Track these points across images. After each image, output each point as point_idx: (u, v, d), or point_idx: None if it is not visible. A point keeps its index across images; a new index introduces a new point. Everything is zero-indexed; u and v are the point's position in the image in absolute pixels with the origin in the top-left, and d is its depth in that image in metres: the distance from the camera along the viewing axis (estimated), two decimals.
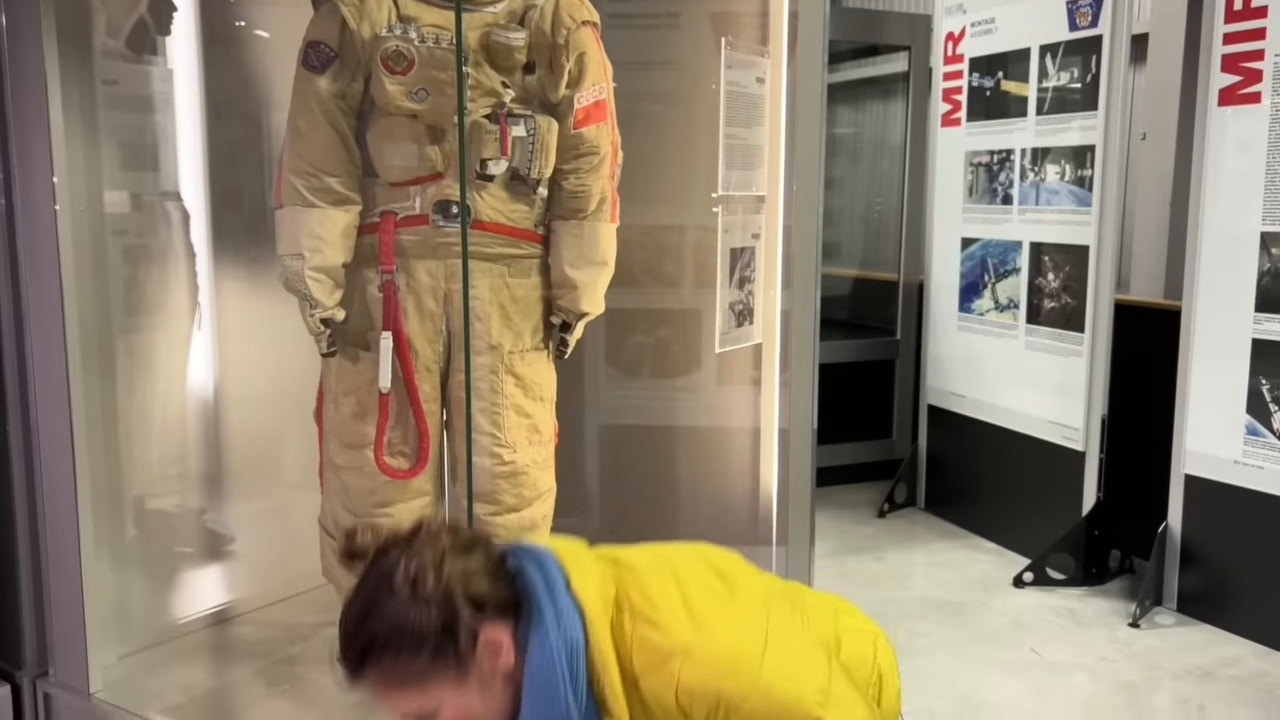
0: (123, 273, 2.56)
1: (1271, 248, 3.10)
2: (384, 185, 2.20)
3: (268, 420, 3.02)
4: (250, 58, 2.94)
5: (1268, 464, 3.14)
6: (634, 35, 3.18)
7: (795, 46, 2.43)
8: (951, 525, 4.27)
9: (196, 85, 2.86)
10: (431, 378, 2.26)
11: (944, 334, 4.32)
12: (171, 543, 2.92)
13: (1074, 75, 3.66)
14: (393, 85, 2.08)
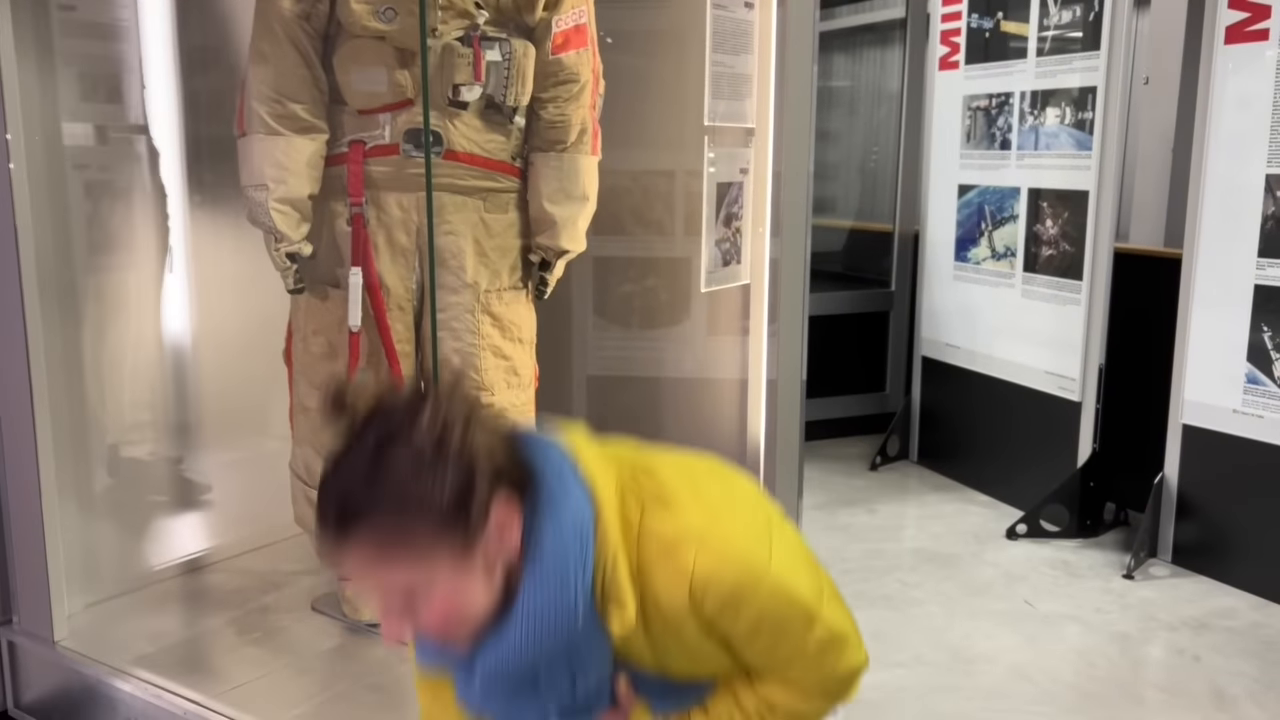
0: (84, 208, 2.45)
1: (1276, 190, 3.01)
2: (352, 113, 2.10)
3: (246, 366, 2.93)
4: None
5: (1268, 413, 3.07)
6: None
7: None
8: (944, 478, 4.21)
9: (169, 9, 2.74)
10: (404, 316, 2.17)
11: (939, 284, 4.23)
12: (145, 491, 2.85)
13: (1076, 15, 3.54)
14: (359, 4, 1.98)
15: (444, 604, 0.97)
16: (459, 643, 1.01)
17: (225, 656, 2.30)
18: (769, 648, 1.09)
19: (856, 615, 1.27)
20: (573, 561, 0.99)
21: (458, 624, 0.99)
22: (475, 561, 0.97)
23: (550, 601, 0.99)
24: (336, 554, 0.97)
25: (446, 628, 0.99)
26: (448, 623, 0.98)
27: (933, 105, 4.20)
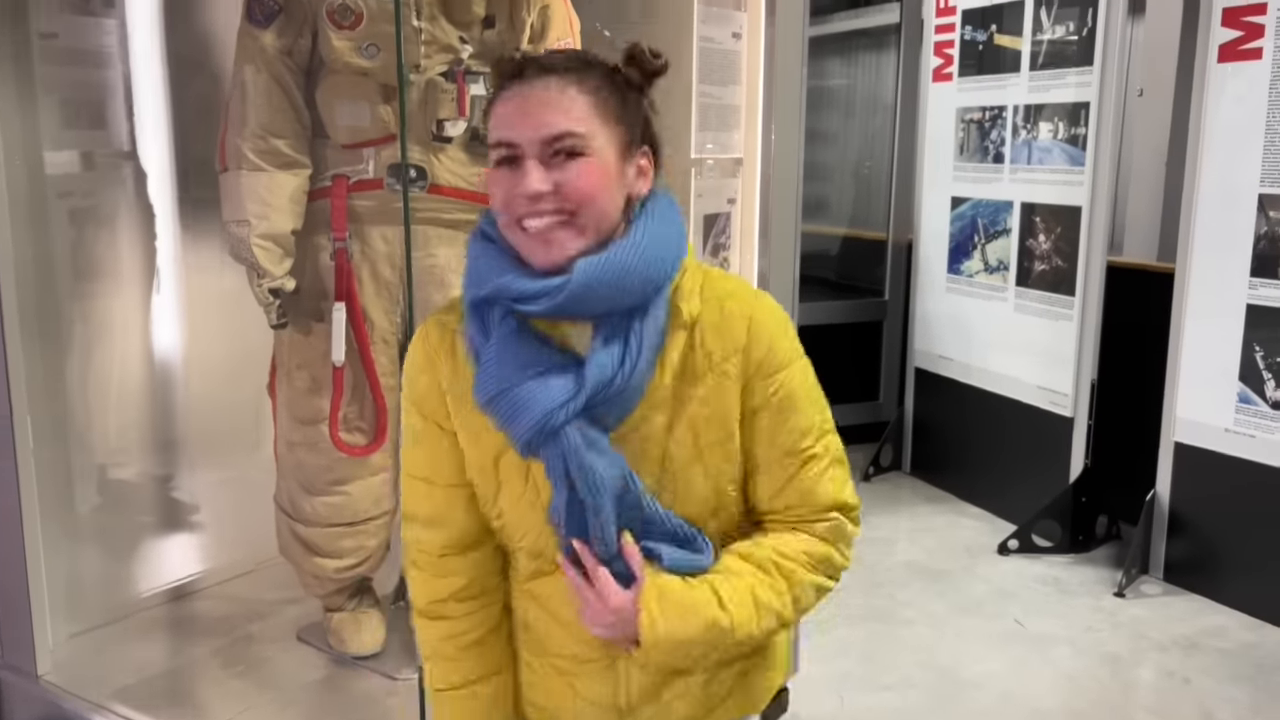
0: (68, 236, 2.43)
1: (1269, 210, 2.99)
2: (335, 147, 2.08)
3: (234, 384, 2.91)
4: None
5: (1259, 433, 3.06)
6: None
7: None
8: (937, 490, 4.20)
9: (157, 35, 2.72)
10: (389, 350, 2.16)
11: (932, 295, 4.22)
12: (132, 513, 2.83)
13: (1070, 29, 3.52)
14: (340, 41, 1.96)
15: (593, 171, 1.07)
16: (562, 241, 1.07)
17: (209, 689, 2.29)
18: (787, 433, 1.16)
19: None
20: (674, 236, 1.13)
21: (589, 199, 1.07)
22: (621, 169, 1.10)
23: (655, 241, 1.10)
24: (552, 73, 1.08)
25: (578, 191, 1.06)
26: (584, 186, 1.06)
27: (926, 116, 4.18)
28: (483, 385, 1.09)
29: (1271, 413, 3.03)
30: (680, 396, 1.13)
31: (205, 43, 2.77)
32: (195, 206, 2.77)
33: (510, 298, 1.07)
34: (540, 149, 1.06)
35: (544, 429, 1.06)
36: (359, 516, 2.21)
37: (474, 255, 1.13)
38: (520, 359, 1.08)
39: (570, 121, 1.06)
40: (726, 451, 1.15)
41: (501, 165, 1.08)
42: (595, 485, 1.08)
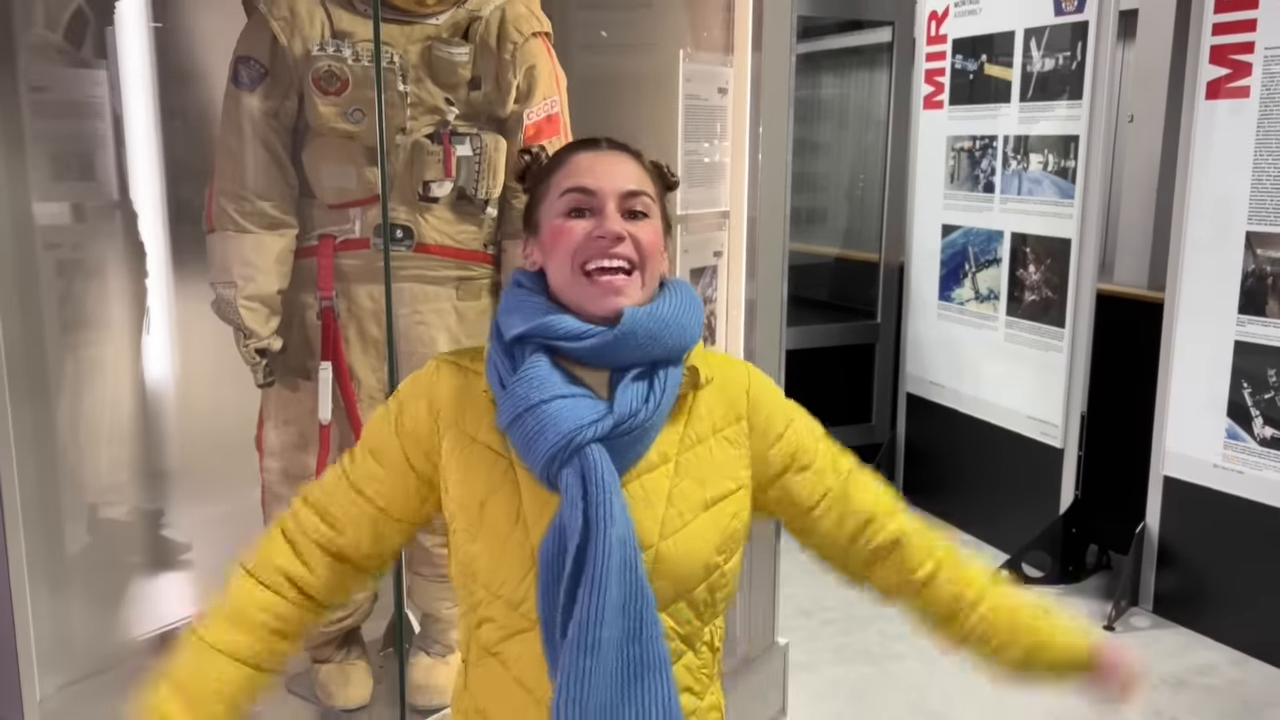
0: (56, 287, 2.43)
1: (1257, 248, 3.01)
2: (322, 207, 2.09)
3: (226, 422, 2.91)
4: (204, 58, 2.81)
5: (1247, 469, 3.07)
6: (602, 15, 3.05)
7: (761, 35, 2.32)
8: (929, 515, 4.20)
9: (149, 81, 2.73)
10: (376, 406, 2.16)
11: (924, 321, 4.23)
12: (122, 554, 2.84)
13: (1060, 61, 3.53)
14: (326, 107, 1.96)
15: (657, 233, 1.20)
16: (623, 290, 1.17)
17: None
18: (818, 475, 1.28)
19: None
20: (698, 310, 1.23)
21: (651, 252, 1.18)
22: (664, 243, 1.22)
23: (686, 308, 1.21)
24: (619, 154, 1.22)
25: (648, 246, 1.18)
26: (649, 245, 1.18)
27: (917, 142, 4.19)
28: (510, 405, 1.13)
29: (1259, 449, 3.04)
30: (685, 452, 1.19)
31: (197, 81, 2.78)
32: (186, 244, 2.78)
33: (556, 335, 1.14)
34: (618, 200, 1.16)
35: (570, 445, 1.10)
36: None
37: (513, 300, 1.20)
38: (548, 386, 1.13)
39: (643, 185, 1.20)
40: (724, 512, 1.19)
41: (572, 216, 1.17)
42: (611, 514, 1.09)
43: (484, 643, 1.20)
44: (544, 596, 1.12)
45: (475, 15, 2.04)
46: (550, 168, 1.22)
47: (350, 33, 1.98)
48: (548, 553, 1.12)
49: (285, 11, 1.96)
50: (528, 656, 1.16)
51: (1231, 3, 3.00)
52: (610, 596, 1.08)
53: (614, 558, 1.09)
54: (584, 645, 1.08)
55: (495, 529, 1.16)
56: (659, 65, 2.78)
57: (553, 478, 1.12)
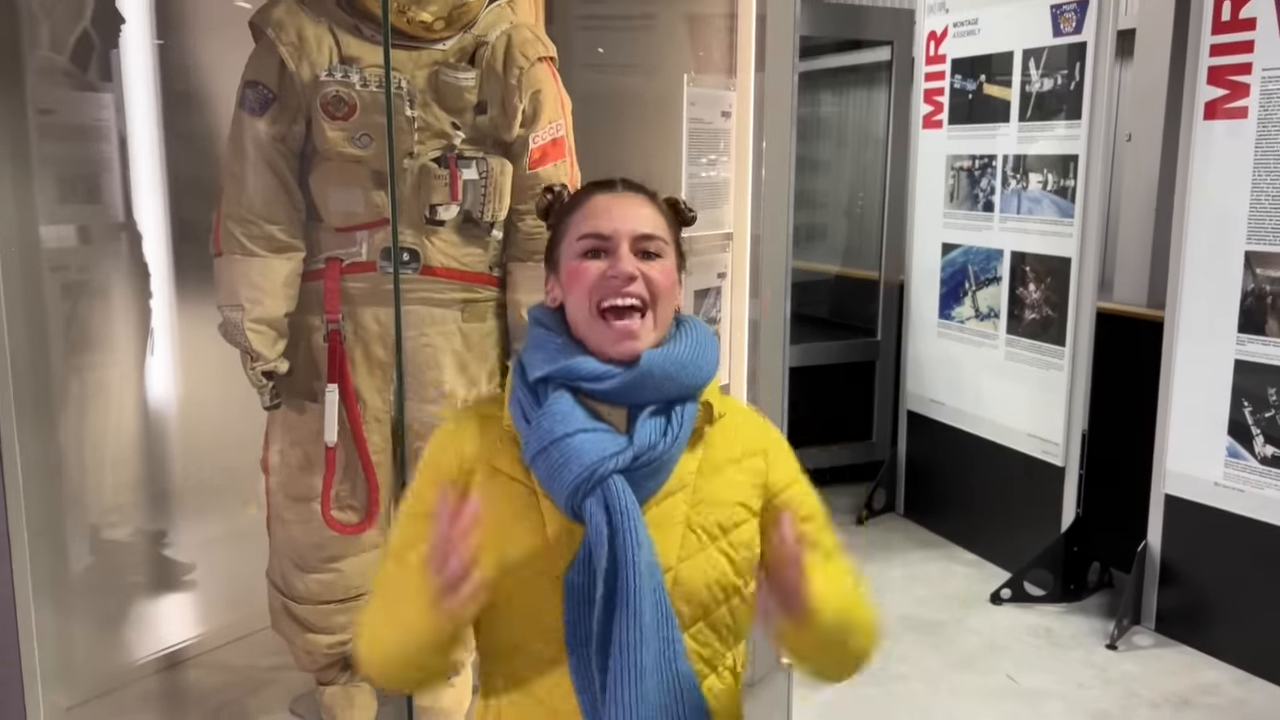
0: (62, 309, 2.45)
1: (1256, 267, 3.02)
2: (329, 230, 2.10)
3: (228, 441, 2.92)
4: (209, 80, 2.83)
5: (1248, 487, 3.08)
6: (607, 37, 3.08)
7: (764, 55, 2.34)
8: (930, 533, 4.22)
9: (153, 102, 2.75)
10: (381, 428, 2.17)
11: (924, 339, 4.24)
12: (126, 575, 2.84)
13: (1058, 81, 3.55)
14: (334, 131, 1.97)
15: (669, 272, 1.25)
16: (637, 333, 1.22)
17: None
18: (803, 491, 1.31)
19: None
20: (714, 350, 1.28)
21: (663, 291, 1.23)
22: (677, 281, 1.27)
23: (702, 347, 1.26)
24: (635, 196, 1.27)
25: (659, 286, 1.23)
26: (662, 284, 1.23)
27: (916, 161, 4.21)
28: (535, 439, 1.18)
29: (1260, 468, 3.05)
30: (701, 479, 1.24)
31: (203, 96, 2.80)
32: (189, 264, 2.79)
33: (577, 376, 1.20)
34: (632, 242, 1.22)
35: (593, 476, 1.15)
36: (351, 592, 2.22)
37: (536, 339, 1.26)
38: (570, 420, 1.18)
39: (656, 227, 1.25)
40: (739, 540, 1.24)
41: (588, 257, 1.22)
42: (638, 539, 1.14)
43: (515, 675, 1.23)
44: (573, 626, 1.15)
45: (482, 41, 2.06)
46: (569, 208, 1.28)
47: (358, 58, 1.99)
48: (575, 583, 1.15)
49: (293, 37, 1.98)
50: (563, 686, 1.18)
51: (1229, 24, 3.02)
52: (645, 620, 1.13)
53: (644, 583, 1.13)
54: (628, 669, 1.12)
55: (521, 557, 1.19)
56: (662, 86, 2.80)
57: (577, 508, 1.16)
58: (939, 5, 4.03)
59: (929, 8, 4.08)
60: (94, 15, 2.70)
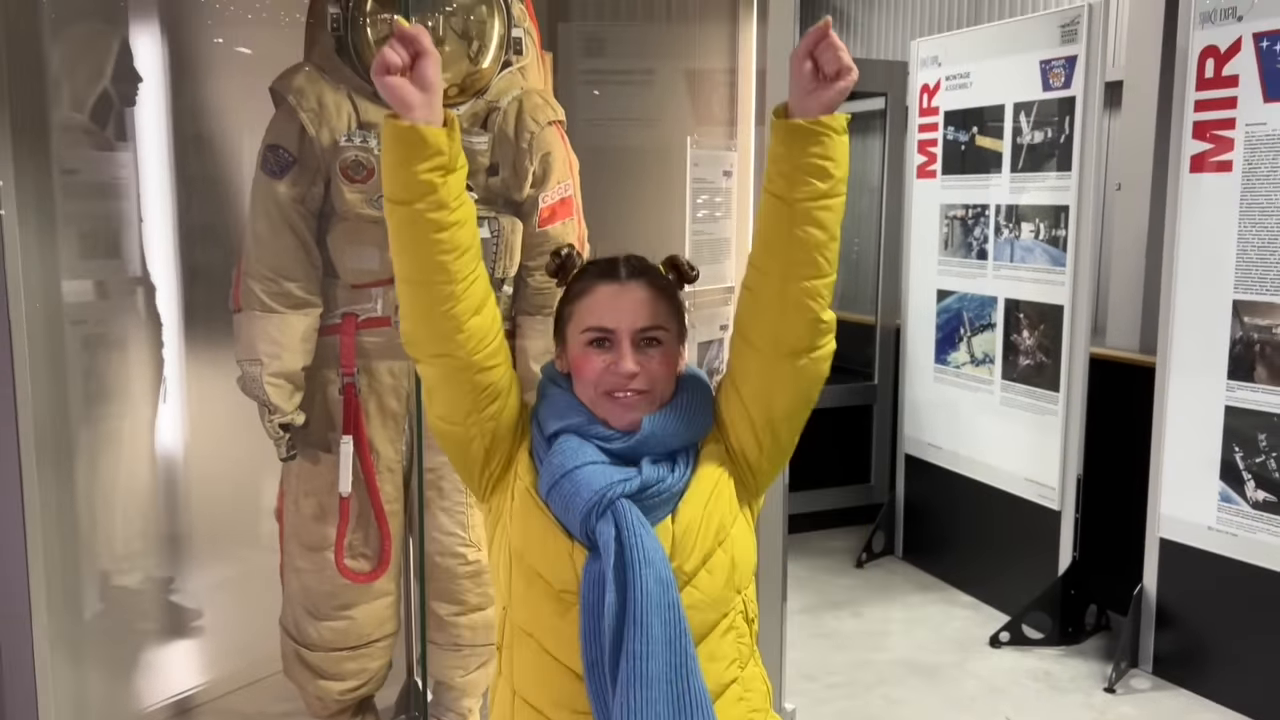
0: (82, 362, 2.51)
1: (1244, 315, 3.09)
2: (345, 287, 2.17)
3: (235, 488, 2.97)
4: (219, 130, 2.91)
5: (1241, 532, 3.13)
6: (609, 92, 3.17)
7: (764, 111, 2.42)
8: (929, 576, 4.25)
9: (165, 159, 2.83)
10: (394, 478, 2.23)
11: (920, 384, 4.31)
12: (136, 622, 2.87)
13: (1049, 134, 3.65)
14: (352, 194, 2.05)
15: (668, 358, 1.36)
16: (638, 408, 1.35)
17: None
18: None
19: None
20: (708, 404, 1.40)
21: (661, 377, 1.35)
22: (679, 353, 1.39)
23: (698, 398, 1.39)
24: (637, 285, 1.36)
25: (657, 375, 1.35)
26: (660, 371, 1.35)
27: (911, 210, 4.31)
28: (548, 474, 1.32)
29: (1252, 512, 3.10)
30: (706, 488, 1.35)
31: (212, 158, 2.89)
32: (199, 313, 2.86)
33: (590, 435, 1.34)
34: (633, 335, 1.34)
35: (603, 500, 1.27)
36: (363, 640, 2.26)
37: (552, 396, 1.39)
38: (581, 455, 1.32)
39: (657, 318, 1.35)
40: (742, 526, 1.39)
41: (593, 345, 1.35)
42: (646, 556, 1.25)
43: (519, 624, 1.35)
44: (588, 641, 1.25)
45: (494, 106, 2.15)
46: (575, 293, 1.38)
47: (376, 124, 2.07)
48: (588, 600, 1.25)
49: (314, 104, 2.06)
50: (565, 633, 1.29)
51: (1213, 81, 3.12)
52: (654, 632, 1.23)
53: (653, 597, 1.23)
54: (635, 678, 1.22)
55: (544, 519, 1.32)
56: (662, 138, 2.89)
57: (590, 533, 1.27)
58: (932, 59, 4.14)
59: (922, 61, 4.19)
60: (114, 74, 2.79)
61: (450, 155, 1.26)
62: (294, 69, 2.11)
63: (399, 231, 1.30)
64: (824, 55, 1.24)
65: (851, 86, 1.26)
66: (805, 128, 1.26)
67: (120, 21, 2.85)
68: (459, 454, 1.39)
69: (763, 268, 1.32)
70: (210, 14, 2.99)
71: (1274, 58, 2.96)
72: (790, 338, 1.32)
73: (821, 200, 1.27)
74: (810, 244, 1.28)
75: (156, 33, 2.95)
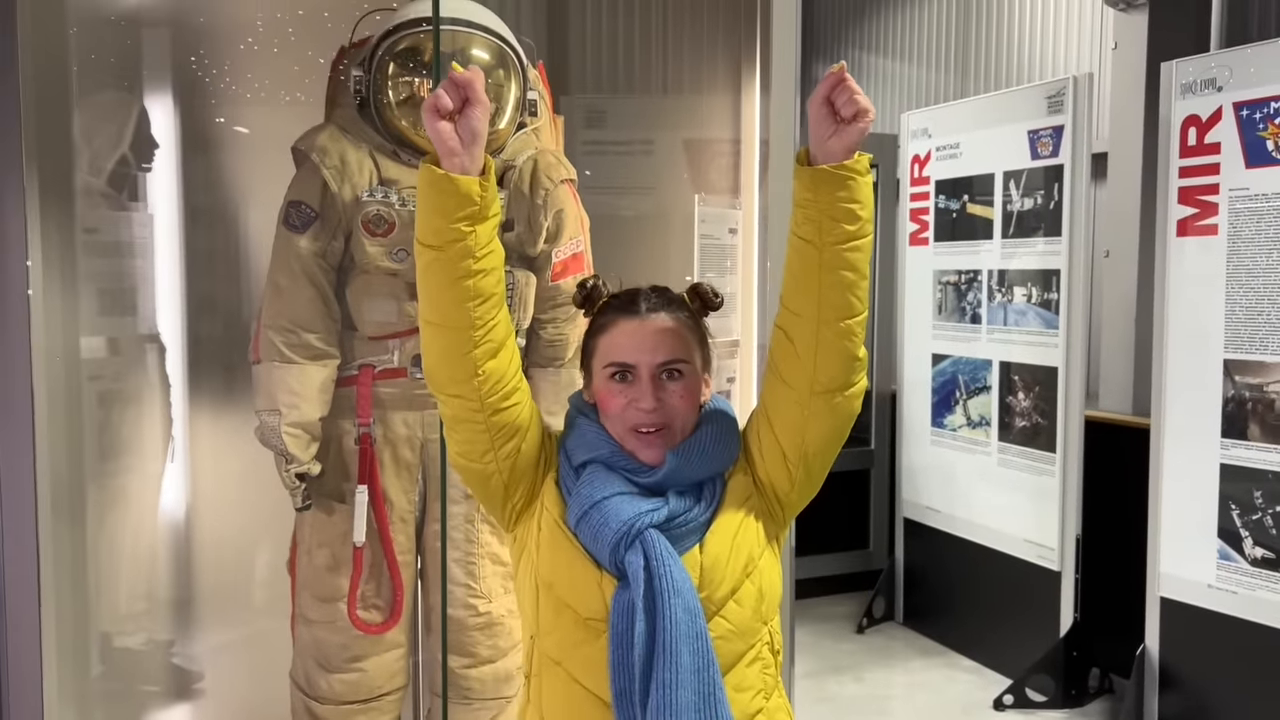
0: (96, 417, 2.54)
1: (1235, 375, 3.16)
2: (363, 338, 2.22)
3: (239, 551, 2.97)
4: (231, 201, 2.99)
5: (1241, 589, 3.15)
6: (610, 161, 3.27)
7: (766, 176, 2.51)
8: (930, 641, 4.24)
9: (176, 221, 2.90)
10: (406, 528, 2.25)
11: (917, 447, 4.35)
12: (137, 684, 2.85)
13: (1038, 201, 3.76)
14: (373, 247, 2.12)
15: (689, 391, 1.39)
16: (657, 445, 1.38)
17: None
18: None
19: None
20: (733, 432, 1.44)
21: (683, 409, 1.38)
22: (701, 384, 1.42)
23: (722, 428, 1.41)
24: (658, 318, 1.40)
25: (676, 409, 1.37)
26: (680, 405, 1.37)
27: (904, 276, 4.40)
28: (577, 504, 1.35)
29: (1251, 569, 3.13)
30: (724, 527, 1.37)
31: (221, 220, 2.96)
32: (203, 377, 2.90)
33: (619, 467, 1.37)
34: (653, 371, 1.37)
35: (631, 531, 1.30)
36: (374, 693, 2.26)
37: (581, 428, 1.42)
38: (609, 486, 1.35)
39: (678, 351, 1.39)
40: (764, 571, 1.40)
41: (615, 379, 1.39)
42: (674, 585, 1.27)
43: (547, 652, 1.37)
44: (616, 670, 1.28)
45: (509, 165, 2.23)
46: (598, 327, 1.43)
47: (396, 180, 2.15)
48: (617, 629, 1.28)
49: (336, 161, 2.13)
50: (594, 661, 1.31)
51: (1195, 148, 3.23)
52: (683, 661, 1.25)
53: (681, 626, 1.26)
54: (664, 708, 1.24)
55: (572, 549, 1.34)
56: (661, 204, 2.98)
57: (619, 563, 1.30)
58: (922, 130, 4.27)
59: (912, 133, 4.32)
60: (133, 140, 2.88)
61: (483, 205, 1.29)
62: (317, 129, 2.19)
63: (425, 273, 1.33)
64: (840, 98, 1.28)
65: (870, 126, 1.30)
66: (830, 173, 1.29)
67: (138, 91, 2.94)
68: (481, 488, 1.42)
69: (796, 310, 1.35)
70: (214, 93, 3.08)
71: (1254, 126, 3.08)
72: (825, 377, 1.35)
73: (851, 242, 1.32)
74: (843, 285, 1.32)
75: (170, 104, 3.04)
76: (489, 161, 1.31)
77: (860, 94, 1.28)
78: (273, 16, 2.88)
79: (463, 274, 1.29)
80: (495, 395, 1.34)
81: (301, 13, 2.86)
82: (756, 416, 1.44)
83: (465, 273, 1.29)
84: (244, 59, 2.93)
